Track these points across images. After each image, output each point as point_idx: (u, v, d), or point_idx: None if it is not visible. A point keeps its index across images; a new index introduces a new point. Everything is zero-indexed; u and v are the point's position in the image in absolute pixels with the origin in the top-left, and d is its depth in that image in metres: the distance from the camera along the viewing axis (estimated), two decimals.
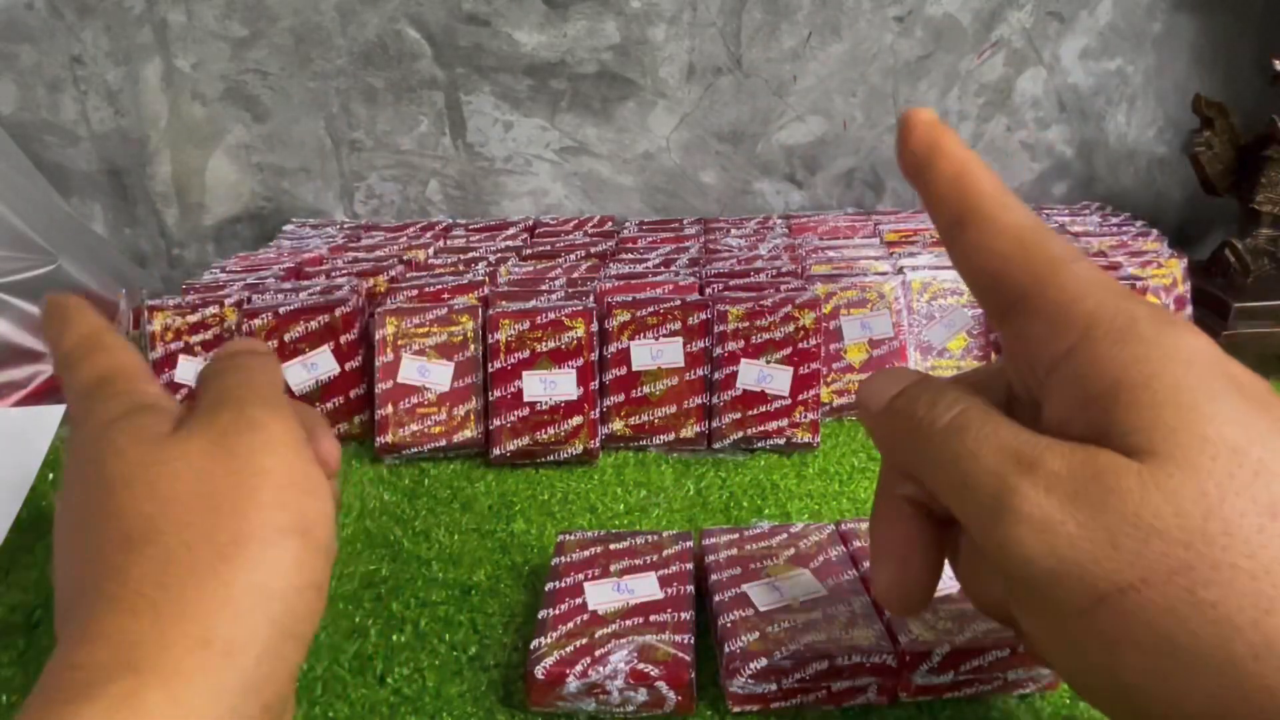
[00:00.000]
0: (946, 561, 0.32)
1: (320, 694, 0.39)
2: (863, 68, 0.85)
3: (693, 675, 0.37)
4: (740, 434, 0.59)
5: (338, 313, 0.61)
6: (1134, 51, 0.85)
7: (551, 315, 0.59)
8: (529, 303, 0.60)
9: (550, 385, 0.58)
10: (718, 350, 0.59)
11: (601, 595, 0.40)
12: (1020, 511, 0.23)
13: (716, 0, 0.82)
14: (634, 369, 0.58)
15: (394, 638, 0.43)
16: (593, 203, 0.90)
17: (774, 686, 0.37)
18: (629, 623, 0.39)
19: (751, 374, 0.59)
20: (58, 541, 0.26)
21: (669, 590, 0.41)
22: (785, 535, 0.45)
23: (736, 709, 0.37)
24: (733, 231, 0.79)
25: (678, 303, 0.59)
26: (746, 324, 0.58)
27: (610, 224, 0.84)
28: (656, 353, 0.58)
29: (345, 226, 0.85)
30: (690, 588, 0.41)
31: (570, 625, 0.39)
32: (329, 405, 0.61)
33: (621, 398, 0.58)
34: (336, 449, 0.31)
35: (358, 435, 0.62)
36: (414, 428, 0.59)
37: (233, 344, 0.32)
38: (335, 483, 0.31)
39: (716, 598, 0.40)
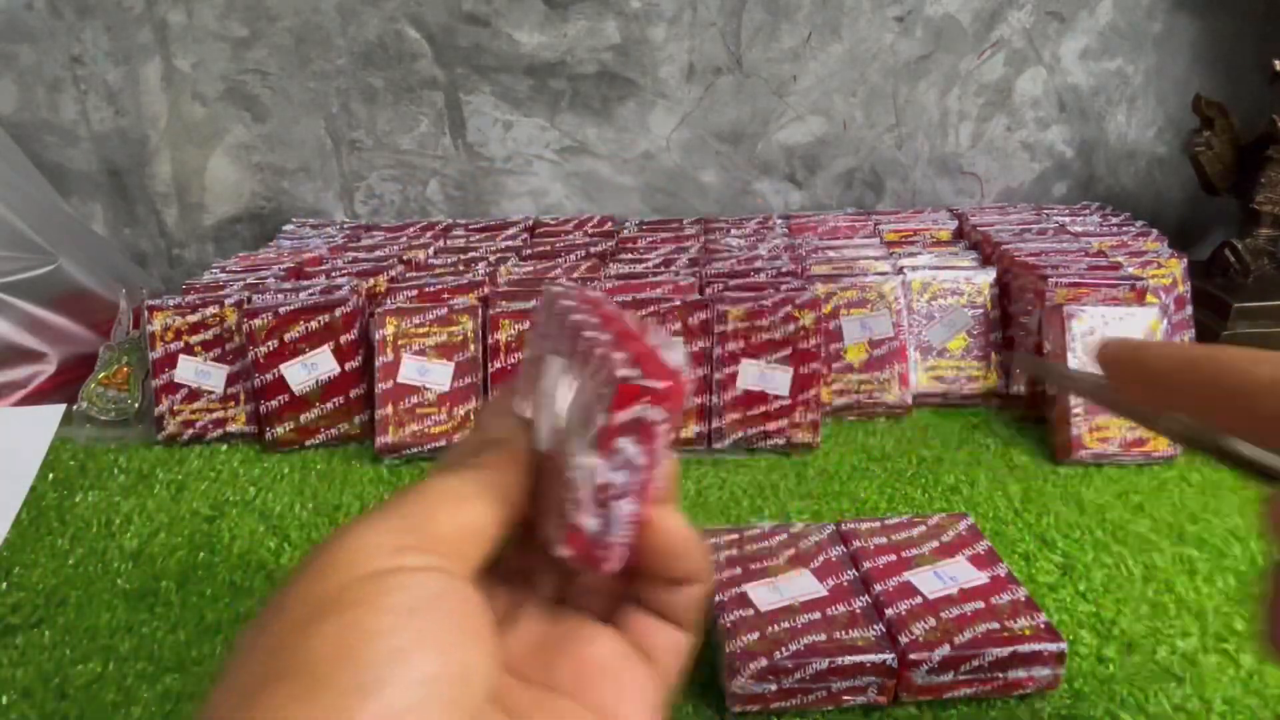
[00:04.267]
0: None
1: None
2: (863, 68, 0.85)
3: None
4: (740, 434, 0.59)
5: (338, 313, 0.61)
6: (1134, 51, 0.85)
7: None
8: (529, 303, 0.60)
9: None
10: (718, 350, 0.59)
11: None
12: None
13: (716, 0, 0.82)
14: None
15: None
16: (593, 203, 0.90)
17: (774, 686, 0.37)
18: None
19: (752, 374, 0.59)
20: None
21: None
22: (785, 535, 0.45)
23: (737, 709, 0.37)
24: (733, 231, 0.79)
25: (678, 303, 0.59)
26: (746, 324, 0.58)
27: (610, 224, 0.84)
28: None
29: (345, 226, 0.85)
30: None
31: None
32: (329, 405, 0.61)
33: None
34: None
35: (358, 435, 0.62)
36: (414, 428, 0.59)
37: None
38: None
39: (717, 598, 0.40)
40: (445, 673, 0.19)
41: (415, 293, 0.63)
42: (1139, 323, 0.58)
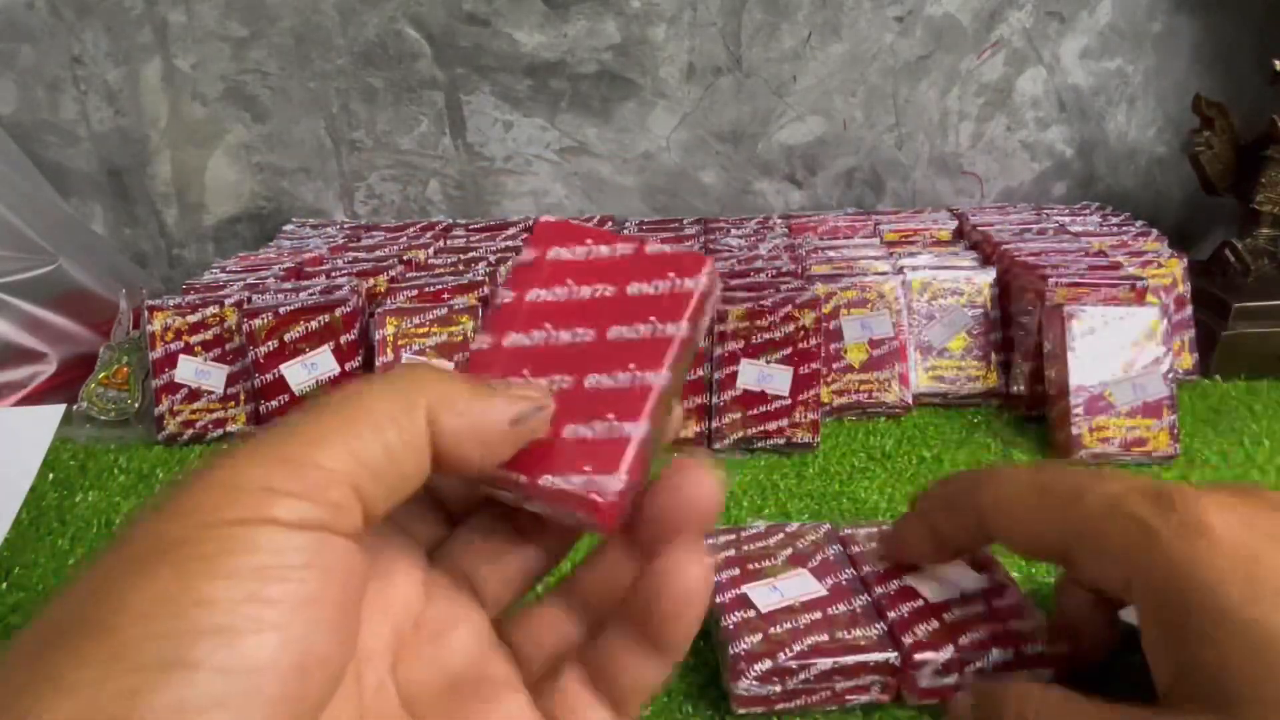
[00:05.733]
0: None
1: None
2: (863, 68, 0.85)
3: None
4: (740, 434, 0.59)
5: (338, 313, 0.61)
6: (1134, 51, 0.85)
7: None
8: None
9: None
10: (718, 350, 0.59)
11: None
12: None
13: (716, 0, 0.82)
14: None
15: None
16: (593, 203, 0.90)
17: (778, 688, 0.37)
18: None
19: (751, 374, 0.59)
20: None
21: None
22: (782, 535, 0.45)
23: (741, 710, 0.37)
24: (733, 231, 0.79)
25: None
26: (746, 324, 0.58)
27: (610, 224, 0.84)
28: None
29: (345, 226, 0.85)
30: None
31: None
32: None
33: None
34: None
35: None
36: None
37: None
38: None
39: (717, 599, 0.40)
40: (277, 664, 0.16)
41: (415, 293, 0.63)
42: (1139, 322, 0.58)
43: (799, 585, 0.41)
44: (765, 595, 0.40)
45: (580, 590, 0.25)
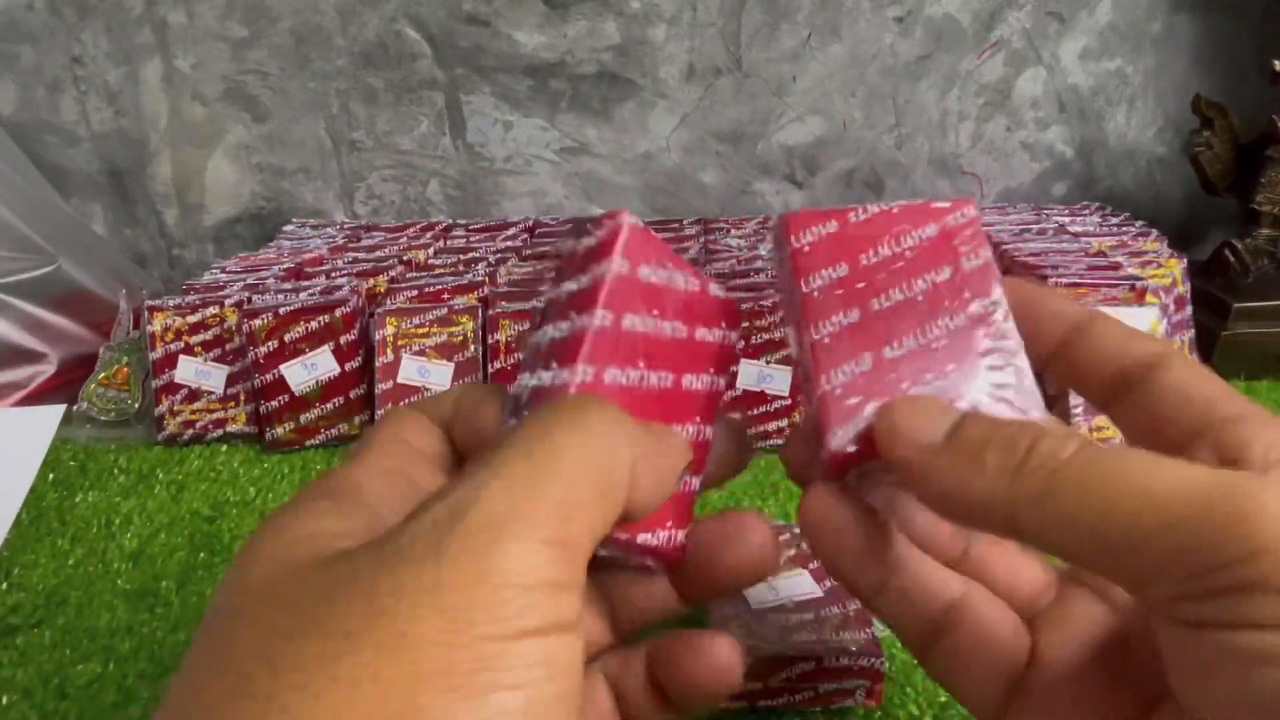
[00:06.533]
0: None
1: None
2: (863, 68, 0.85)
3: None
4: None
5: (338, 313, 0.61)
6: (1134, 51, 0.85)
7: None
8: (529, 303, 0.60)
9: None
10: None
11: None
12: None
13: (716, 0, 0.82)
14: None
15: None
16: (593, 203, 0.90)
17: (759, 684, 0.37)
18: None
19: (751, 374, 0.59)
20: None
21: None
22: (788, 535, 0.45)
23: (722, 704, 0.37)
24: (733, 232, 0.79)
25: None
26: (746, 324, 0.58)
27: None
28: None
29: (345, 227, 0.85)
30: None
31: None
32: (329, 406, 0.61)
33: None
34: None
35: (358, 436, 0.62)
36: None
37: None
38: None
39: None
40: None
41: (415, 293, 0.64)
42: (1139, 323, 0.58)
43: (796, 585, 0.41)
44: (760, 594, 0.40)
45: (609, 593, 0.25)
